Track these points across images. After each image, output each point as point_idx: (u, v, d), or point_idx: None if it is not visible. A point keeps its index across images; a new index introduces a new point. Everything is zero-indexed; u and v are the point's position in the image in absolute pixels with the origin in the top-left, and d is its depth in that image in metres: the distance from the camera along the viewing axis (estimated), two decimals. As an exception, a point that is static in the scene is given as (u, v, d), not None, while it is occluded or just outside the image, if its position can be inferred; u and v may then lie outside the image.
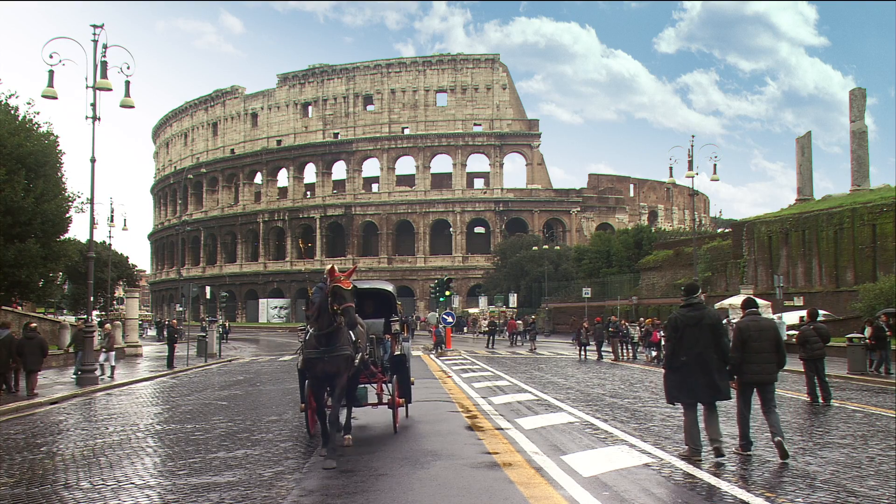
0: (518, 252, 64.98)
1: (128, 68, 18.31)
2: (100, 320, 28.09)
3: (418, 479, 7.17)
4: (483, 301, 57.56)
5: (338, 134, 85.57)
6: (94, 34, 17.88)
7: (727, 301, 31.20)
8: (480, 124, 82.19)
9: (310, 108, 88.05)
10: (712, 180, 33.52)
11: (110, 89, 18.11)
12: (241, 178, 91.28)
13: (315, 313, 8.14)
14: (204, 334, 30.24)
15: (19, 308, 28.74)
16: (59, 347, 25.10)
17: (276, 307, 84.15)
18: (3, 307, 24.35)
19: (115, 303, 52.45)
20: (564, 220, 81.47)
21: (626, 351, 27.81)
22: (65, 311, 52.07)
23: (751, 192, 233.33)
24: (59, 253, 23.97)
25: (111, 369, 20.06)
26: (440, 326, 33.67)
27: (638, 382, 17.34)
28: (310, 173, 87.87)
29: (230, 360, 28.57)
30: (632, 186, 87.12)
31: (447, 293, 40.73)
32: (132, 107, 19.04)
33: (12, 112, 22.57)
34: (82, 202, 24.33)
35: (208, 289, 44.05)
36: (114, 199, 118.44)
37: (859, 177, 40.64)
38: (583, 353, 28.26)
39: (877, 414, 11.75)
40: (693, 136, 33.32)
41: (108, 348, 19.96)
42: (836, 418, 11.24)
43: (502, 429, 10.12)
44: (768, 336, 8.14)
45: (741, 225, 43.25)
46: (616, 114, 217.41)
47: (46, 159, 22.67)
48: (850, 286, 32.84)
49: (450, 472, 7.48)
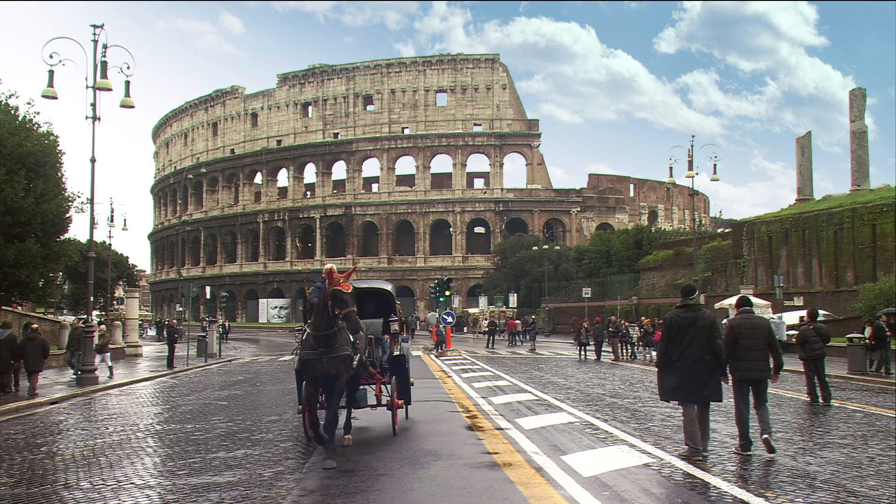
0: (518, 252, 64.99)
1: (128, 68, 18.32)
2: (98, 321, 28.10)
3: (418, 479, 7.17)
4: (483, 301, 57.55)
5: (338, 134, 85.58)
6: (94, 34, 17.88)
7: (727, 301, 31.19)
8: (480, 124, 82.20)
9: (310, 108, 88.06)
10: (712, 180, 33.54)
11: (110, 89, 18.11)
12: (241, 178, 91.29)
13: (312, 313, 8.03)
14: (204, 334, 30.23)
15: (19, 308, 28.71)
16: (59, 347, 25.09)
17: (276, 307, 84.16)
18: (4, 307, 24.34)
19: (115, 303, 52.44)
20: (564, 220, 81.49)
21: (626, 351, 27.85)
22: (65, 311, 52.05)
23: (751, 192, 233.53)
24: (59, 253, 23.95)
25: (109, 370, 20.01)
26: (440, 326, 33.68)
27: (638, 382, 17.34)
28: (310, 173, 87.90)
29: (230, 360, 28.57)
30: (632, 186, 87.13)
31: (447, 293, 40.74)
32: (132, 107, 19.04)
33: (12, 112, 22.53)
34: (82, 202, 24.31)
35: (208, 289, 44.07)
36: (114, 199, 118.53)
37: (859, 177, 40.65)
38: (583, 353, 28.27)
39: (877, 414, 11.75)
40: (693, 136, 33.35)
41: (100, 349, 19.82)
42: (836, 418, 11.24)
43: (502, 429, 10.12)
44: (760, 334, 8.26)
45: (741, 225, 43.25)
46: (616, 114, 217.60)
47: (46, 159, 22.65)
48: (850, 286, 32.84)
49: (450, 472, 7.48)
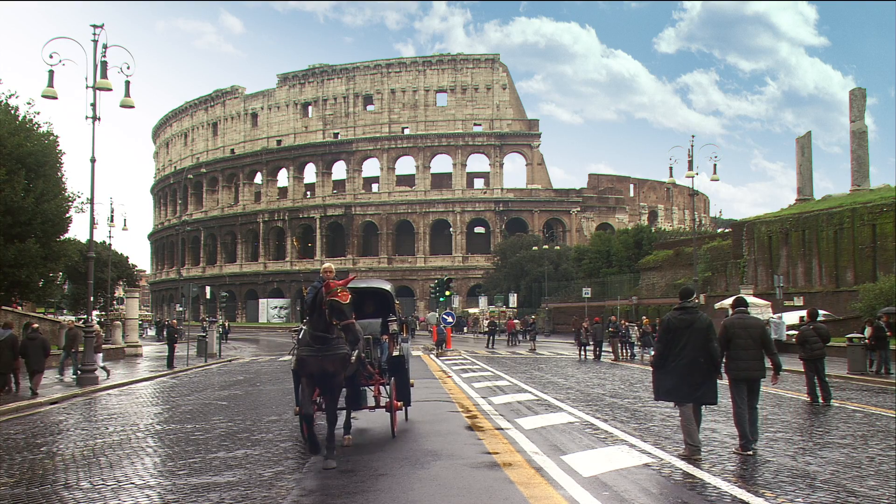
0: (518, 252, 64.99)
1: (128, 68, 18.32)
2: (99, 321, 28.07)
3: (418, 479, 7.17)
4: (483, 301, 57.55)
5: (338, 134, 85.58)
6: (94, 34, 17.88)
7: (727, 301, 31.20)
8: (480, 124, 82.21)
9: (310, 108, 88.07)
10: (712, 180, 33.53)
11: (110, 89, 18.11)
12: (241, 178, 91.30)
13: (310, 312, 7.93)
14: (204, 334, 30.22)
15: (19, 308, 28.71)
16: (58, 347, 25.07)
17: (276, 307, 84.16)
18: (4, 307, 24.34)
19: (115, 303, 52.44)
20: (564, 220, 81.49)
21: (626, 351, 27.88)
22: (65, 311, 52.02)
23: (751, 192, 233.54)
24: (59, 253, 23.95)
25: (104, 370, 19.74)
26: (441, 326, 33.70)
27: (638, 382, 17.33)
28: (310, 173, 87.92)
29: (230, 360, 28.57)
30: (632, 186, 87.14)
31: (447, 293, 40.75)
32: (132, 107, 19.04)
33: (12, 112, 22.53)
34: (82, 202, 24.31)
35: (208, 289, 44.10)
36: (114, 199, 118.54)
37: (859, 177, 40.65)
38: (583, 353, 28.28)
39: (877, 414, 11.75)
40: (693, 136, 33.32)
41: (94, 350, 19.65)
42: (836, 418, 11.24)
43: (502, 429, 10.12)
44: (753, 334, 8.38)
45: (741, 225, 43.24)
46: (616, 114, 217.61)
47: (46, 159, 22.64)
48: (850, 286, 32.84)
49: (450, 472, 7.47)
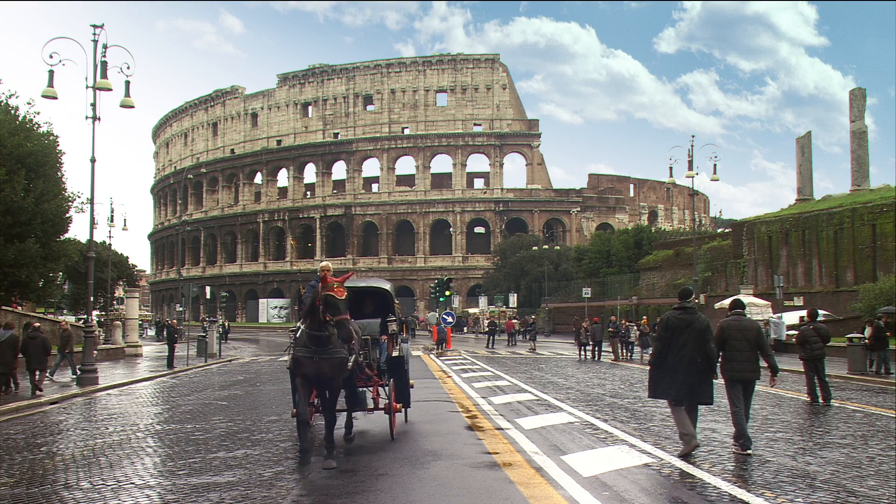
0: (518, 252, 64.99)
1: (128, 68, 18.31)
2: (98, 321, 28.04)
3: (418, 479, 7.17)
4: (483, 301, 57.57)
5: (338, 134, 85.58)
6: (94, 34, 17.87)
7: (727, 301, 31.19)
8: (480, 124, 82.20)
9: (310, 108, 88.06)
10: (712, 180, 33.53)
11: (110, 89, 18.10)
12: (241, 178, 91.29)
13: (305, 313, 7.77)
14: (204, 334, 30.22)
15: (19, 308, 28.71)
16: (58, 347, 25.05)
17: (276, 307, 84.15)
18: (4, 307, 24.34)
19: (115, 303, 52.44)
20: (564, 220, 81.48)
21: (626, 351, 27.90)
22: (65, 311, 52.05)
23: (751, 192, 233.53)
24: (59, 253, 23.96)
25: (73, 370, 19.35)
26: (441, 326, 33.72)
27: (638, 382, 17.32)
28: (310, 173, 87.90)
29: (230, 360, 28.56)
30: (632, 186, 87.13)
31: (447, 293, 40.79)
32: (132, 107, 19.03)
33: (12, 112, 22.54)
34: (82, 202, 24.32)
35: (208, 289, 44.12)
36: (114, 199, 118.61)
37: (859, 177, 40.64)
38: (583, 353, 28.29)
39: (877, 414, 11.75)
40: (693, 136, 33.33)
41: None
42: (836, 418, 11.24)
43: (502, 429, 10.12)
44: (748, 336, 8.49)
45: (741, 225, 43.24)
46: (616, 114, 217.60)
47: (46, 159, 22.65)
48: (850, 286, 32.83)
49: (450, 471, 7.48)
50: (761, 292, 35.62)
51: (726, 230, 55.21)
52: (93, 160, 18.57)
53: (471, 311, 65.36)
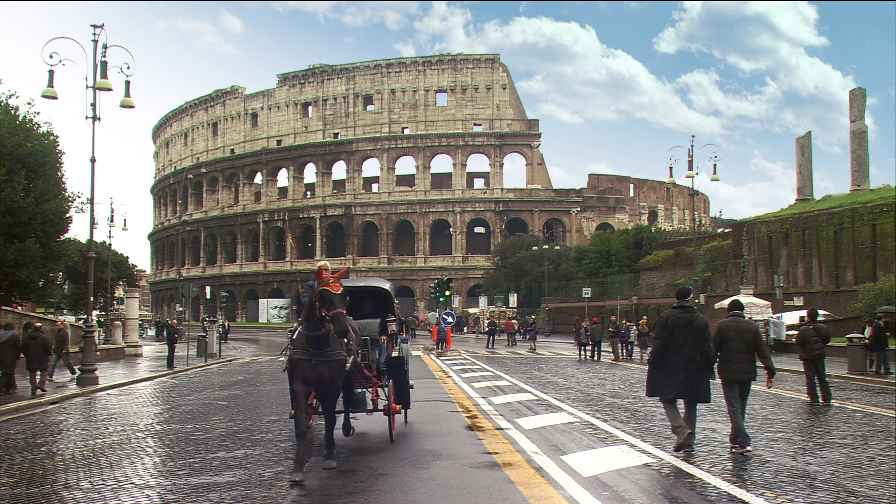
0: (518, 252, 64.99)
1: (128, 68, 18.32)
2: (98, 321, 28.01)
3: (418, 479, 7.17)
4: (483, 301, 57.55)
5: (338, 134, 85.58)
6: (94, 34, 17.88)
7: (727, 301, 31.18)
8: (480, 124, 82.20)
9: (310, 108, 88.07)
10: (712, 180, 33.55)
11: (110, 89, 18.11)
12: (241, 178, 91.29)
13: (303, 315, 7.55)
14: (204, 334, 30.23)
15: (19, 308, 28.71)
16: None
17: (276, 307, 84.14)
18: (4, 307, 24.34)
19: (115, 303, 52.43)
20: (564, 220, 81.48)
21: (626, 351, 27.92)
22: (65, 311, 52.02)
23: (751, 192, 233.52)
24: (59, 253, 23.93)
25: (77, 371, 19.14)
26: (441, 326, 33.73)
27: (638, 382, 17.32)
28: (310, 173, 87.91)
29: (230, 360, 28.57)
30: (632, 186, 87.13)
31: (447, 293, 40.77)
32: (132, 107, 19.04)
33: (12, 112, 22.52)
34: (82, 202, 24.28)
35: (208, 289, 44.10)
36: (114, 199, 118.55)
37: (859, 177, 40.64)
38: (583, 353, 28.30)
39: (877, 414, 11.75)
40: (693, 136, 33.37)
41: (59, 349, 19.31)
42: (836, 418, 11.24)
43: (502, 429, 10.12)
44: (745, 338, 8.56)
45: (741, 225, 43.24)
46: (616, 114, 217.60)
47: (46, 159, 22.63)
48: (850, 286, 32.82)
49: (450, 471, 7.48)
50: (761, 292, 35.63)
51: (726, 230, 55.20)
52: (93, 160, 18.58)
53: (471, 311, 65.35)
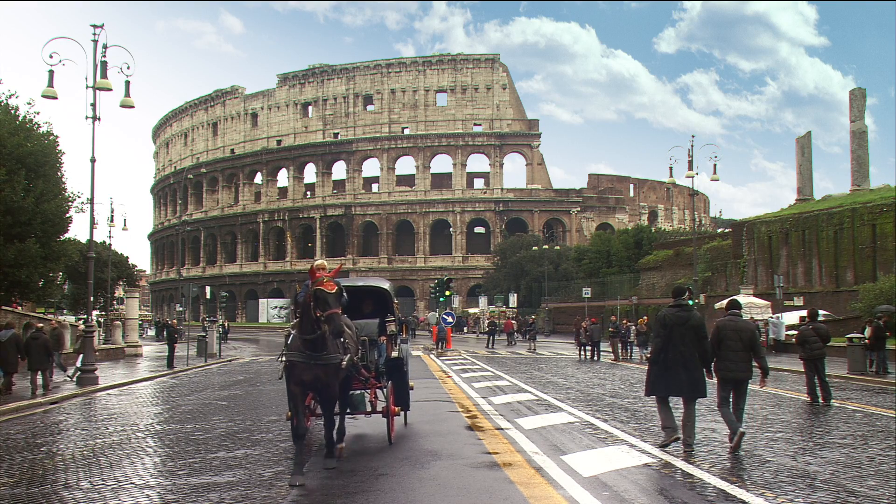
0: (518, 252, 64.98)
1: (128, 68, 18.32)
2: (98, 320, 28.00)
3: (418, 479, 7.17)
4: (483, 301, 57.53)
5: (338, 134, 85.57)
6: (94, 34, 17.88)
7: (725, 301, 31.19)
8: (480, 124, 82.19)
9: (310, 108, 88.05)
10: (712, 180, 33.56)
11: (110, 89, 18.11)
12: (241, 178, 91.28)
13: (298, 316, 7.39)
14: (204, 334, 30.23)
15: (19, 308, 28.71)
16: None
17: (276, 307, 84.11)
18: (4, 307, 24.34)
19: (115, 303, 52.44)
20: (564, 220, 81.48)
21: (625, 351, 27.93)
22: (65, 311, 52.01)
23: (751, 192, 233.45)
24: (59, 253, 23.93)
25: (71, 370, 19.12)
26: (441, 326, 33.73)
27: (638, 382, 17.32)
28: (310, 173, 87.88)
29: (230, 360, 28.57)
30: (632, 186, 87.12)
31: (447, 293, 40.76)
32: (132, 107, 19.04)
33: (12, 112, 22.52)
34: (82, 202, 24.29)
35: (208, 289, 44.08)
36: (114, 199, 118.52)
37: (859, 177, 40.64)
38: (583, 353, 28.30)
39: (877, 414, 11.75)
40: (693, 136, 33.36)
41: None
42: (836, 418, 11.24)
43: (502, 429, 10.12)
44: (742, 337, 8.61)
45: (741, 225, 43.23)
46: (616, 114, 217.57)
47: (46, 159, 22.63)
48: (850, 286, 32.82)
49: (450, 471, 7.48)
50: (761, 292, 35.62)
51: (726, 230, 55.19)
52: (93, 160, 18.58)
53: (471, 311, 65.34)
